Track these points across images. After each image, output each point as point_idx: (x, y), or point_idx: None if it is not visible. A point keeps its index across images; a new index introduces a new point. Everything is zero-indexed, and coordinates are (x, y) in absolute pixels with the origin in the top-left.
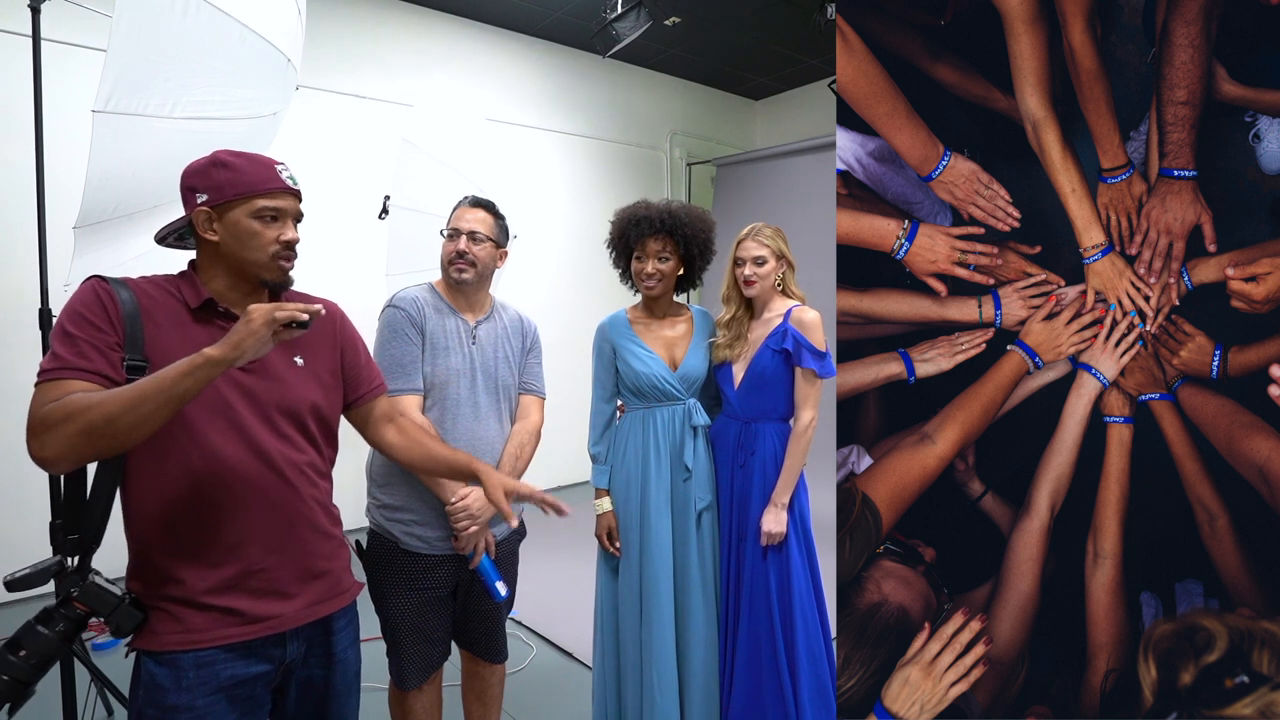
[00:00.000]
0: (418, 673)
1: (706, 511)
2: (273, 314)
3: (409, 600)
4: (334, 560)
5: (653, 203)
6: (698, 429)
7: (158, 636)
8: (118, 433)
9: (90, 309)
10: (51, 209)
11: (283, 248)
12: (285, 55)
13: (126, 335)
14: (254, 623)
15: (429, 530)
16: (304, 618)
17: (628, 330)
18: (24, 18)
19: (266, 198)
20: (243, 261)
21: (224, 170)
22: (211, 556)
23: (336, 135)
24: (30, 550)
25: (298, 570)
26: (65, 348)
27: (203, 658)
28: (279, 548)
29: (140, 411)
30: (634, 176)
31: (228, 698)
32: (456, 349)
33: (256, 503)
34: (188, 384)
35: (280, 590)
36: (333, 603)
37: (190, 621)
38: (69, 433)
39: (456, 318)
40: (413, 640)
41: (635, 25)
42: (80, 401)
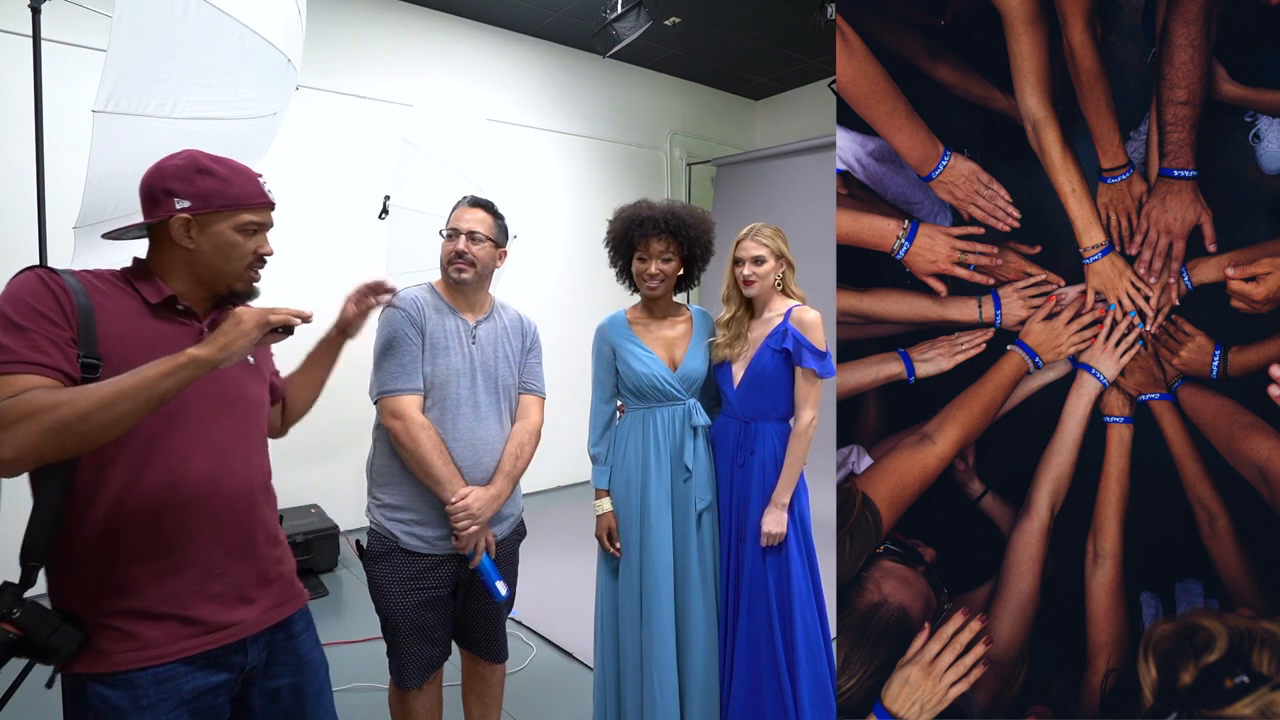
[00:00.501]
0: (418, 672)
1: (706, 511)
2: (266, 317)
3: (409, 600)
4: (285, 564)
5: (655, 203)
6: (698, 429)
7: (107, 657)
8: (88, 431)
9: (40, 300)
10: (51, 209)
11: (257, 260)
12: (285, 55)
13: (80, 331)
14: (216, 630)
15: (429, 530)
16: (265, 621)
17: (627, 331)
18: (24, 18)
19: (252, 212)
20: (216, 271)
21: (209, 179)
22: (170, 562)
23: (336, 135)
24: None
25: (256, 575)
26: (14, 339)
27: (162, 673)
28: (239, 552)
29: (117, 410)
30: (634, 176)
31: (190, 710)
32: (456, 349)
33: (220, 505)
34: (169, 383)
35: (241, 595)
36: (290, 605)
37: (146, 636)
38: (32, 431)
39: (456, 317)
40: (413, 640)
41: (635, 25)
42: (44, 398)
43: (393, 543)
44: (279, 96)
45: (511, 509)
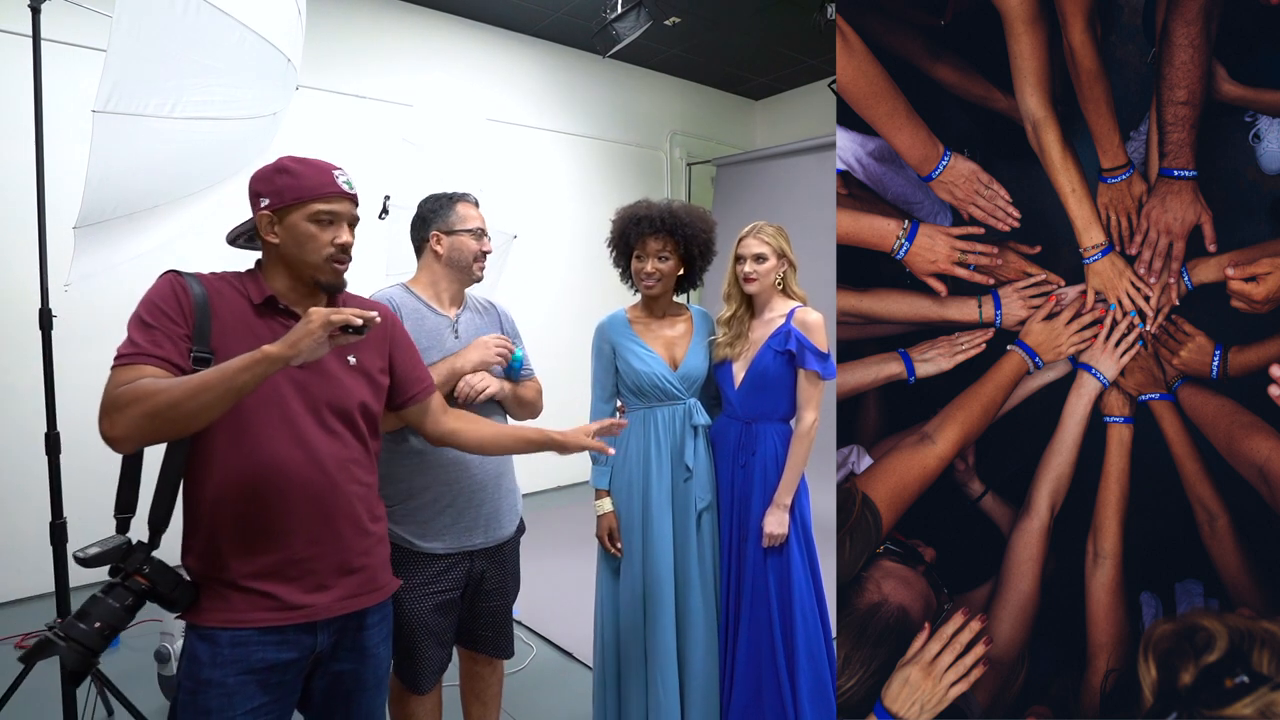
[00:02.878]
0: (431, 676)
1: (706, 511)
2: (329, 318)
3: (425, 605)
4: (371, 556)
5: (654, 202)
6: (698, 428)
7: (203, 613)
8: (178, 418)
9: (165, 300)
10: (51, 209)
11: (337, 250)
12: (285, 55)
13: (195, 327)
14: (289, 609)
15: (444, 528)
16: (337, 610)
17: (627, 330)
18: (24, 18)
19: (322, 201)
20: (300, 263)
21: (285, 176)
22: (256, 543)
23: (336, 135)
24: (30, 550)
25: (335, 563)
26: (141, 335)
27: (239, 637)
28: (318, 540)
29: (201, 400)
30: (634, 176)
31: (258, 681)
32: (437, 348)
33: (300, 495)
34: (245, 378)
35: (317, 581)
36: (366, 598)
37: (231, 601)
38: (136, 414)
39: (436, 315)
40: (428, 644)
41: (635, 25)
42: (149, 386)
43: (405, 549)
44: (279, 96)
45: (514, 510)
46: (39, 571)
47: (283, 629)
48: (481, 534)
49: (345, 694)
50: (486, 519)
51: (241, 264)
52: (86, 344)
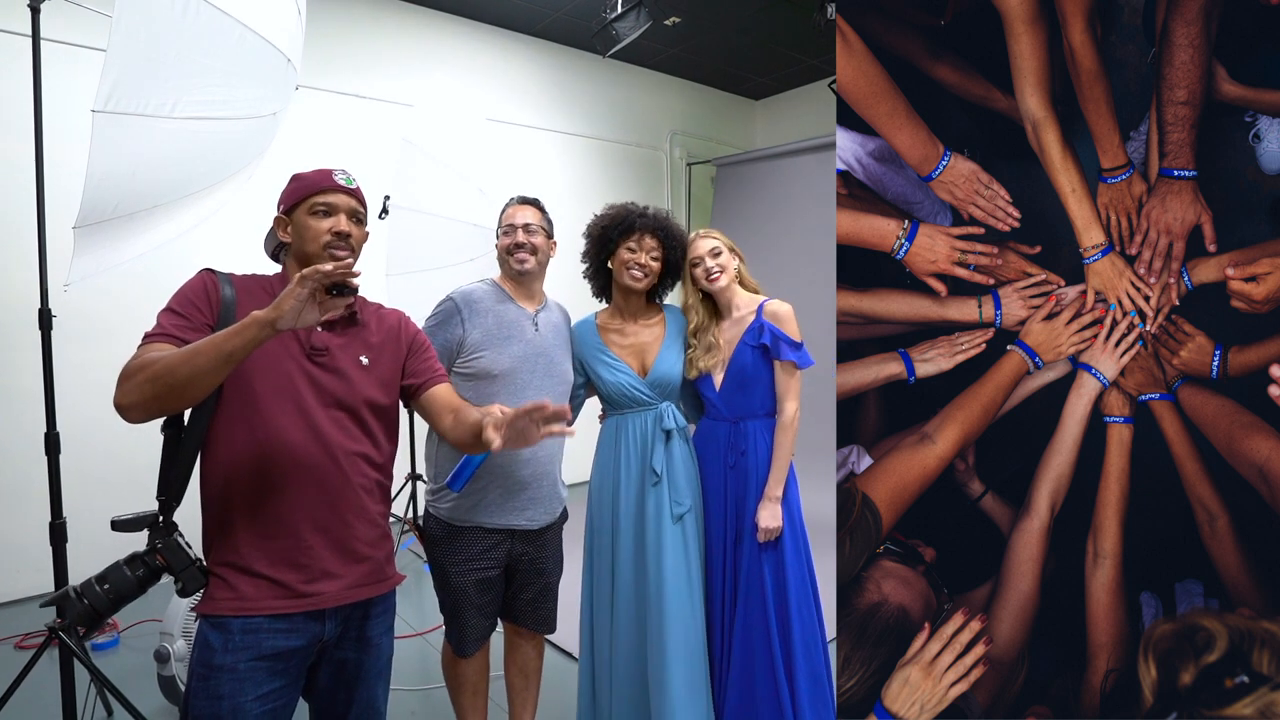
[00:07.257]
0: (475, 641)
1: (687, 515)
2: (309, 275)
3: (468, 579)
4: (377, 548)
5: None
6: (670, 433)
7: (214, 601)
8: (175, 383)
9: (195, 293)
10: (51, 209)
11: (334, 237)
12: (285, 55)
13: (220, 320)
14: (298, 597)
15: (489, 506)
16: (344, 598)
17: (595, 340)
18: (24, 18)
19: (319, 194)
20: (305, 255)
21: (293, 182)
22: (266, 528)
23: (336, 135)
24: (30, 550)
25: (341, 551)
26: (166, 319)
27: (250, 624)
28: (326, 527)
29: (195, 364)
30: (634, 176)
31: (268, 668)
32: (518, 337)
33: (308, 478)
34: (236, 342)
35: (325, 569)
36: (372, 588)
37: (242, 589)
38: (139, 380)
39: (517, 307)
40: (471, 614)
41: (635, 25)
42: (152, 355)
43: (455, 526)
44: (279, 96)
45: (559, 497)
46: (39, 571)
47: (291, 616)
48: (526, 516)
49: (348, 682)
50: (531, 502)
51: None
52: (86, 344)
